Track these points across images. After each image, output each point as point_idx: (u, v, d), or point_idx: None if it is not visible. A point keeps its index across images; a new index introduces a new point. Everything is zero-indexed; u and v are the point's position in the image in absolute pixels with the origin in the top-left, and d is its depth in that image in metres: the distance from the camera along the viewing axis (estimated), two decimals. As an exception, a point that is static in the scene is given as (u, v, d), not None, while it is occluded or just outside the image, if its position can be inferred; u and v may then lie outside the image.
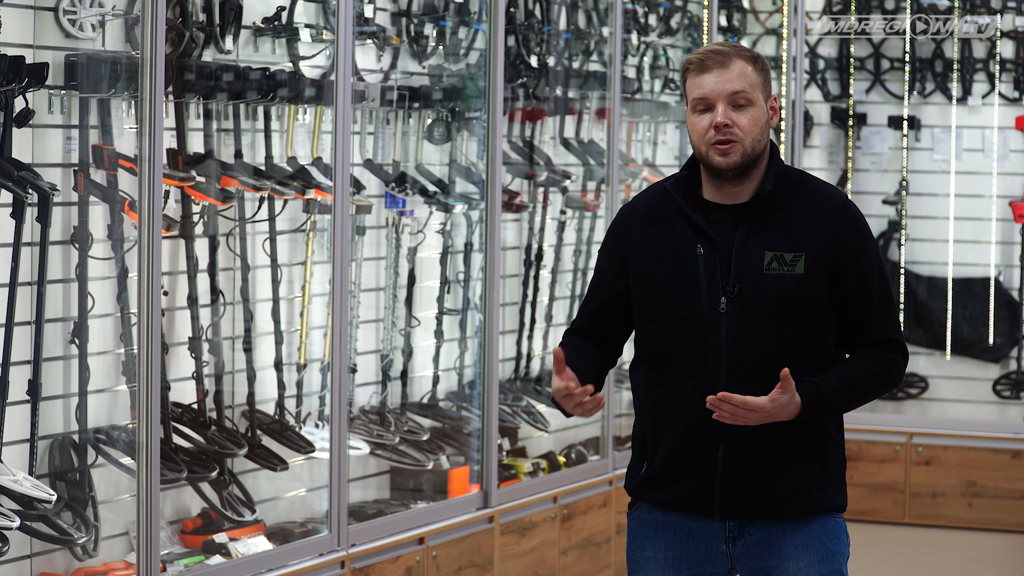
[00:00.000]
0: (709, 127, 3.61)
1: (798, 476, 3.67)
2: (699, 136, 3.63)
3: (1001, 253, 8.89)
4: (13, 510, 4.59)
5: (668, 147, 8.47)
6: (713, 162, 3.63)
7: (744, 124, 3.62)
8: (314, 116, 5.89)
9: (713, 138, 3.61)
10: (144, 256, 4.78)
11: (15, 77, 4.62)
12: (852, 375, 3.67)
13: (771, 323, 3.62)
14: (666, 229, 3.69)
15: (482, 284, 6.59)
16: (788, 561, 3.69)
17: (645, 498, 3.77)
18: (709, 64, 3.62)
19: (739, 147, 3.61)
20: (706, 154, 3.63)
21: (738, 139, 3.61)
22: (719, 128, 3.60)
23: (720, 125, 3.60)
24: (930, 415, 8.96)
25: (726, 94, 3.61)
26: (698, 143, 3.64)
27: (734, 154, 3.61)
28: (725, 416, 3.56)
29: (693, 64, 3.65)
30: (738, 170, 3.63)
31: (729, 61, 3.62)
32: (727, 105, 3.61)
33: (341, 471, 5.65)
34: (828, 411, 3.64)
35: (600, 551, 7.12)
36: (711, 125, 3.61)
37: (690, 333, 3.64)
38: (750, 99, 3.63)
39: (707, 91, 3.62)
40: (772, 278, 3.62)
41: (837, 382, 3.64)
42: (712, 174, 3.66)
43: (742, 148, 3.61)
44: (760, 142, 3.64)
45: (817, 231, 3.65)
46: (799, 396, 3.56)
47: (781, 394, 3.54)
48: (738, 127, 3.61)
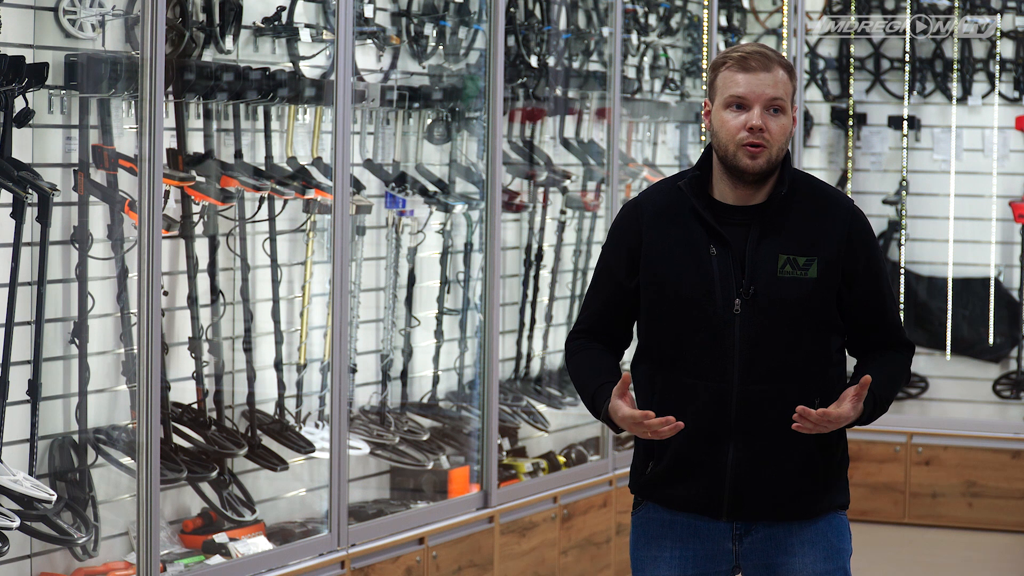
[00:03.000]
0: (742, 127, 3.59)
1: (805, 475, 3.68)
2: (729, 134, 3.60)
3: (1001, 253, 8.88)
4: (13, 510, 4.59)
5: (668, 147, 8.46)
6: (740, 163, 3.60)
7: (775, 131, 3.60)
8: (314, 116, 5.89)
9: (745, 139, 3.59)
10: (144, 256, 4.78)
11: (15, 77, 4.62)
12: (892, 376, 3.70)
13: (784, 325, 3.62)
14: (679, 229, 3.67)
15: (482, 284, 6.59)
16: (794, 558, 3.70)
17: (651, 497, 3.76)
18: (752, 64, 3.59)
19: (767, 152, 3.60)
20: (734, 154, 3.60)
21: (768, 144, 3.59)
22: (753, 130, 3.58)
23: (756, 127, 3.58)
24: (930, 415, 8.96)
25: (766, 98, 3.59)
26: (727, 141, 3.61)
27: (762, 158, 3.60)
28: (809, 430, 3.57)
29: (732, 60, 3.61)
30: (761, 174, 3.62)
31: (772, 66, 3.60)
32: (763, 109, 3.59)
33: (341, 471, 5.65)
34: (879, 413, 3.69)
35: (600, 551, 7.12)
36: (745, 126, 3.59)
37: (703, 334, 3.64)
38: (784, 107, 3.61)
39: (746, 91, 3.59)
40: (786, 281, 3.62)
41: (885, 385, 3.66)
42: (733, 175, 3.64)
43: (769, 154, 3.60)
44: (783, 150, 3.64)
45: (828, 236, 3.65)
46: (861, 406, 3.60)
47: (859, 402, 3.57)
48: (769, 132, 3.59)
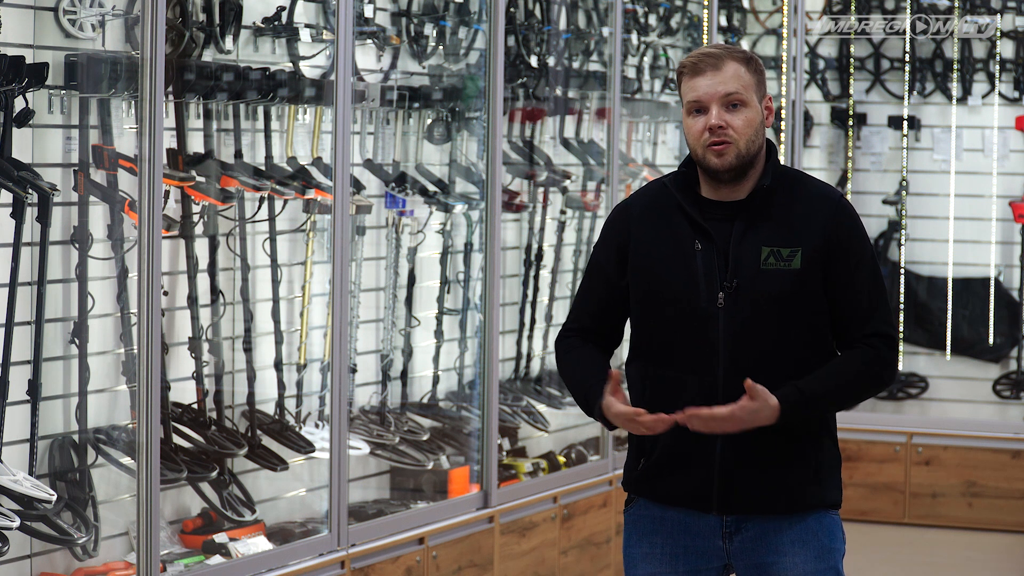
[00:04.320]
0: (704, 129, 3.65)
1: (795, 469, 3.69)
2: (694, 138, 3.67)
3: (1001, 253, 8.89)
4: (13, 510, 4.59)
5: (668, 147, 8.47)
6: (709, 163, 3.66)
7: (738, 125, 3.64)
8: (314, 116, 5.89)
9: (708, 140, 3.64)
10: (144, 256, 4.78)
11: (15, 77, 4.62)
12: (836, 376, 3.68)
13: (769, 318, 3.64)
14: (665, 225, 3.72)
15: (482, 284, 6.59)
16: (785, 557, 3.71)
17: (643, 492, 3.79)
18: (702, 67, 3.65)
19: (733, 148, 3.64)
20: (702, 156, 3.66)
21: (732, 140, 3.64)
22: (713, 130, 3.64)
23: (714, 127, 3.63)
24: (930, 415, 8.96)
25: (719, 96, 3.64)
26: (694, 145, 3.67)
27: (728, 155, 3.64)
28: (700, 428, 3.58)
29: (687, 67, 3.68)
30: (734, 171, 3.66)
31: (722, 63, 3.65)
32: (721, 107, 3.64)
33: (341, 471, 5.65)
34: (811, 413, 3.66)
35: (600, 551, 7.12)
36: (705, 127, 3.64)
37: (688, 328, 3.66)
38: (743, 100, 3.65)
39: (701, 94, 3.65)
40: (769, 273, 3.64)
41: (820, 384, 3.65)
42: (708, 175, 3.69)
43: (736, 149, 3.64)
44: (755, 142, 3.66)
45: (812, 227, 3.67)
46: (777, 400, 3.58)
47: (749, 401, 3.56)
48: (732, 128, 3.64)
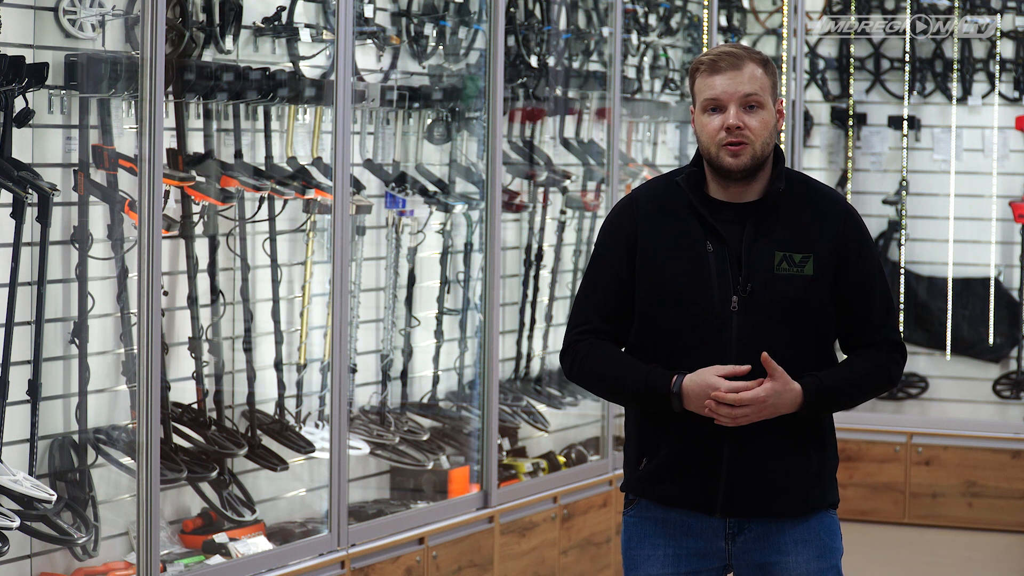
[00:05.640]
0: (720, 128, 3.62)
1: (799, 472, 3.70)
2: (709, 136, 3.63)
3: (1001, 253, 8.88)
4: (13, 510, 4.59)
5: (668, 147, 8.46)
6: (723, 163, 3.63)
7: (755, 127, 3.63)
8: (314, 116, 5.89)
9: (724, 139, 3.62)
10: (144, 256, 4.78)
11: (15, 77, 4.61)
12: (854, 372, 3.70)
13: (781, 323, 3.63)
14: (675, 223, 3.69)
15: (482, 284, 6.59)
16: (787, 557, 3.71)
17: (645, 494, 3.78)
18: (721, 65, 3.62)
19: (749, 149, 3.62)
20: (716, 155, 3.63)
21: (749, 141, 3.62)
22: (731, 130, 3.61)
23: (732, 127, 3.61)
24: (930, 415, 8.96)
25: (738, 96, 3.62)
26: (708, 143, 3.64)
27: (744, 156, 3.62)
28: (725, 420, 3.57)
29: (704, 64, 3.65)
30: (747, 172, 3.64)
31: (742, 63, 3.63)
32: (739, 107, 3.62)
33: (341, 471, 5.65)
34: (829, 405, 3.67)
35: (600, 551, 7.12)
36: (722, 126, 3.62)
37: (700, 330, 3.64)
38: (761, 102, 3.63)
39: (719, 92, 3.62)
40: (783, 278, 3.63)
41: (839, 377, 3.67)
42: (720, 175, 3.67)
43: (752, 151, 3.63)
44: (768, 145, 3.66)
45: (823, 233, 3.66)
46: (800, 387, 3.58)
47: (773, 382, 3.55)
48: (749, 129, 3.62)
